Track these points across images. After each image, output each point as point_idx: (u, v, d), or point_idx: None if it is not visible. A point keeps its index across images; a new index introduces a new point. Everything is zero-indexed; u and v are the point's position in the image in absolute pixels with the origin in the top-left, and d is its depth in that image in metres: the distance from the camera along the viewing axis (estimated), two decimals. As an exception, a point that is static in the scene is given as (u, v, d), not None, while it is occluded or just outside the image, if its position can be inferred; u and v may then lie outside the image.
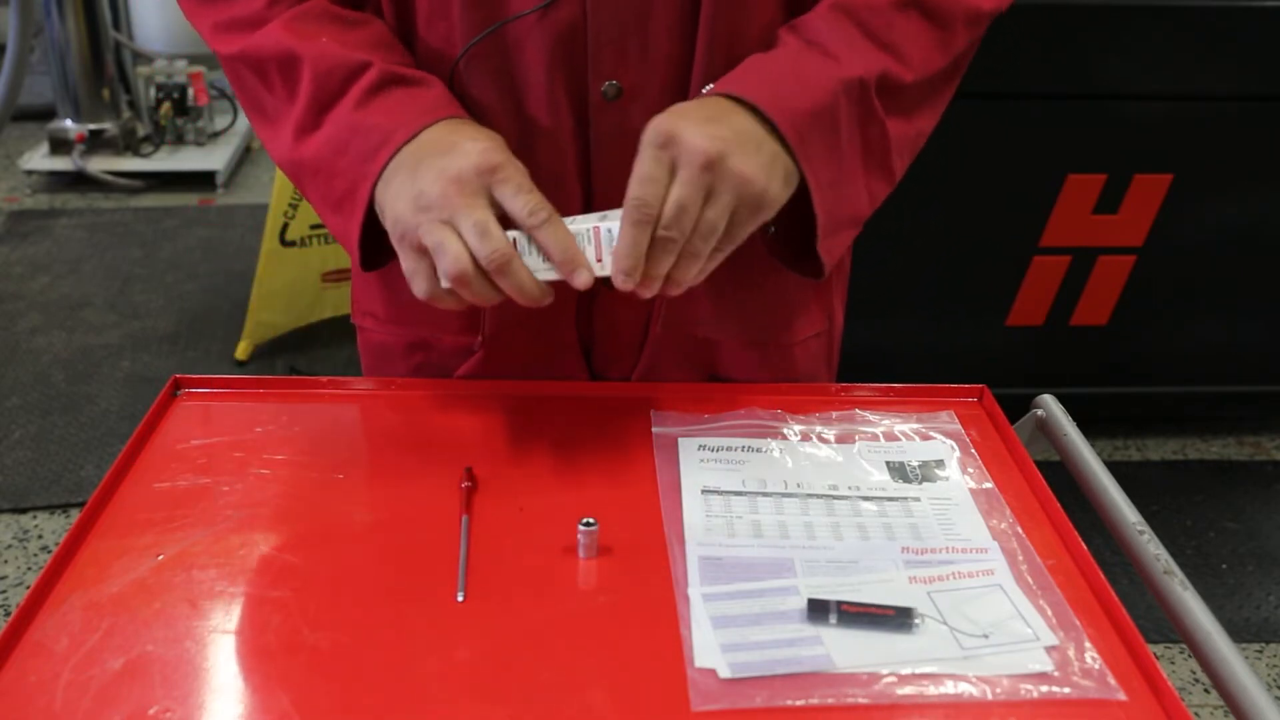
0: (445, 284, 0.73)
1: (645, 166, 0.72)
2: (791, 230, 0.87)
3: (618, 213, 0.73)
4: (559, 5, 0.79)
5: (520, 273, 0.72)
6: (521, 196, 0.72)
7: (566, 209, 0.76)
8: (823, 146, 0.77)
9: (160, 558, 0.72)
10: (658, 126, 0.72)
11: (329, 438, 0.86)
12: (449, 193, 0.72)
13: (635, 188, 0.72)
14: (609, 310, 0.92)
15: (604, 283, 0.89)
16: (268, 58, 0.81)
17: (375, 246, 0.81)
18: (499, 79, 0.82)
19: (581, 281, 0.73)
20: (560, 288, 0.87)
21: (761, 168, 0.73)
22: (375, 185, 0.76)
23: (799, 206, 0.80)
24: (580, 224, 0.74)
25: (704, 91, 0.79)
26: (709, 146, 0.71)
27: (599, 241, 0.74)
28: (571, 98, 0.83)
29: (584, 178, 0.86)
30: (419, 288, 0.74)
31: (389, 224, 0.75)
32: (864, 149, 0.80)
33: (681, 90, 0.82)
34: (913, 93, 0.82)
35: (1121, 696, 0.64)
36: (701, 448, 0.85)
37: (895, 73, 0.79)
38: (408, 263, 0.74)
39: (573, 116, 0.83)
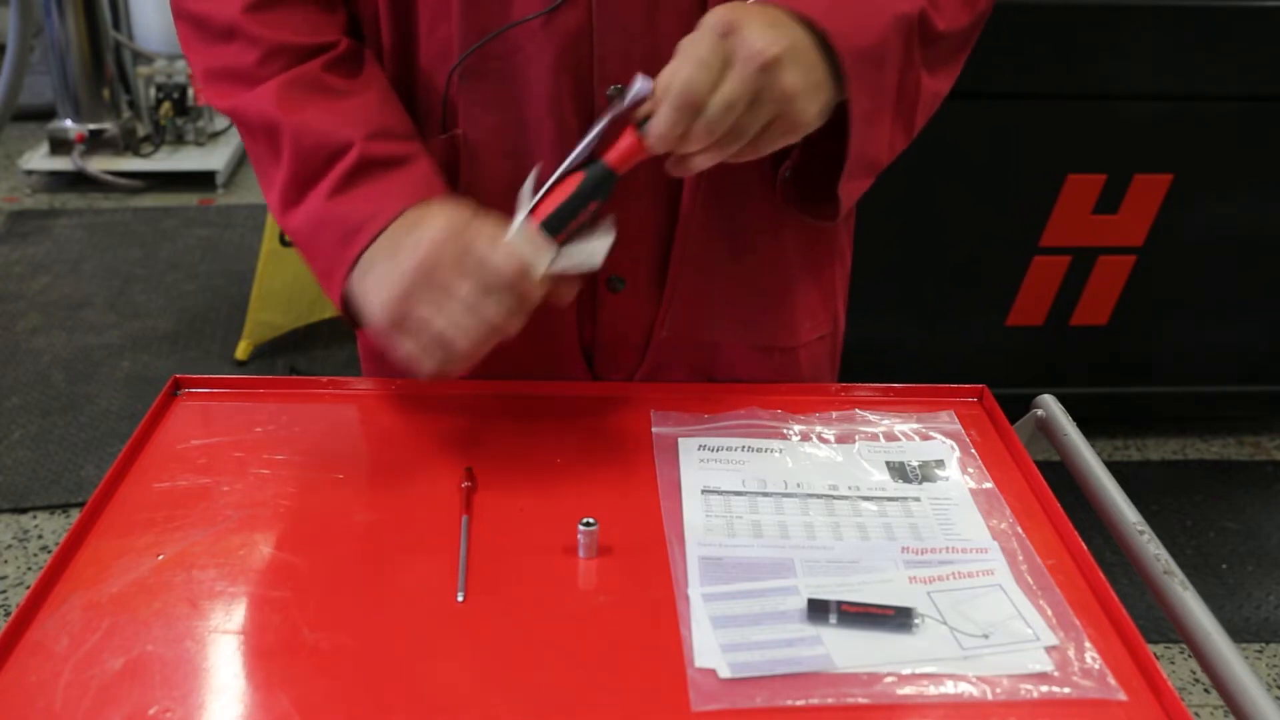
0: (465, 363, 0.76)
1: (702, 50, 0.70)
2: (802, 174, 0.87)
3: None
4: (564, 8, 0.79)
5: (519, 317, 0.75)
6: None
7: None
8: (869, 82, 0.77)
9: (160, 558, 0.72)
10: (722, 16, 0.71)
11: (329, 438, 0.86)
12: (427, 276, 0.73)
13: (688, 68, 0.70)
14: (613, 315, 0.91)
15: (609, 285, 0.89)
16: (255, 124, 0.82)
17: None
18: (501, 83, 0.82)
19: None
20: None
21: (808, 88, 0.73)
22: (351, 271, 0.78)
23: (818, 146, 0.79)
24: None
25: None
26: (771, 50, 0.70)
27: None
28: (576, 101, 0.82)
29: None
30: (425, 369, 0.76)
31: (377, 312, 0.76)
32: (899, 92, 0.80)
33: None
34: (940, 46, 0.82)
35: (1121, 696, 0.64)
36: (702, 448, 0.85)
37: (931, 17, 0.79)
38: (405, 348, 0.76)
39: (577, 120, 0.83)
